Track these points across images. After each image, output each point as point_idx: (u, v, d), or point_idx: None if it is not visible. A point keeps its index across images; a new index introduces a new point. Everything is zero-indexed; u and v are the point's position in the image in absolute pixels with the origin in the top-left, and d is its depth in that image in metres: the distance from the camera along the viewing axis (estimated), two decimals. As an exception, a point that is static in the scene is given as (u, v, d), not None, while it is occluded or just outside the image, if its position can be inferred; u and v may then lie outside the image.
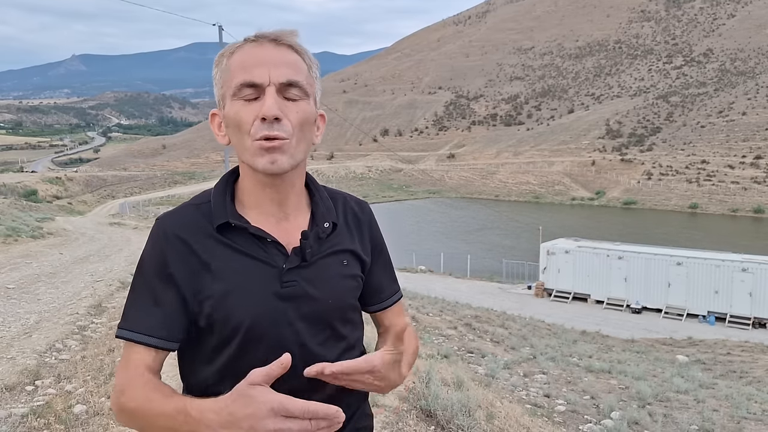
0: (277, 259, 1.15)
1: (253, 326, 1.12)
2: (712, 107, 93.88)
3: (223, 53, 1.14)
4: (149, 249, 1.16)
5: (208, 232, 1.14)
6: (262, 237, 1.14)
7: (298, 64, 1.12)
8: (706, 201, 70.36)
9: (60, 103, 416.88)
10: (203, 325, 1.14)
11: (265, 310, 1.12)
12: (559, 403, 6.97)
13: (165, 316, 1.12)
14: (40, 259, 11.68)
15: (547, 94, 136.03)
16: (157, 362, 1.15)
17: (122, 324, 1.15)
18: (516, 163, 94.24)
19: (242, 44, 1.13)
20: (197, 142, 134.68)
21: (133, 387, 1.09)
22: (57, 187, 62.90)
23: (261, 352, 1.12)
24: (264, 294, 1.13)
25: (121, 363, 1.16)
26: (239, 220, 1.14)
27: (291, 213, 1.19)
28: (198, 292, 1.12)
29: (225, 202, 1.16)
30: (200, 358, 1.18)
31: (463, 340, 11.51)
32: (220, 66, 1.14)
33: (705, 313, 21.78)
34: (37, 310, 6.98)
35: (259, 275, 1.13)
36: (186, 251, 1.13)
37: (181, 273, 1.12)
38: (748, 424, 6.69)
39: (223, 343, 1.13)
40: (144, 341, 1.12)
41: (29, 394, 4.10)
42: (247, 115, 1.08)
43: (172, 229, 1.14)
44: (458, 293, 23.07)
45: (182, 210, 1.18)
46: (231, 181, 1.21)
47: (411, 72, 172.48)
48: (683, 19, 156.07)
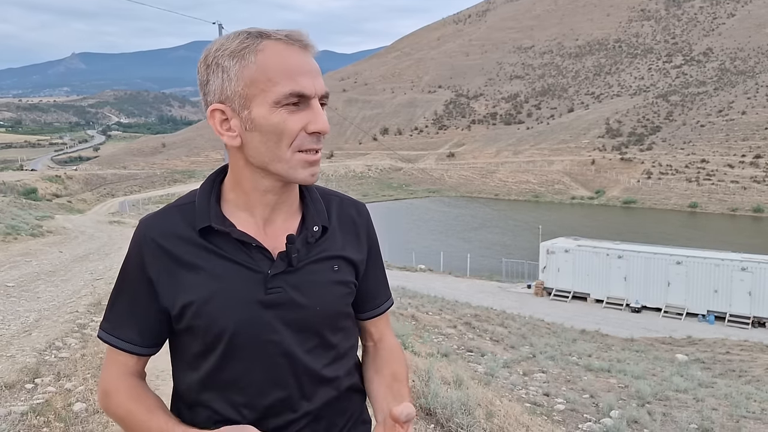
0: (262, 264, 1.10)
1: (237, 333, 1.08)
2: (712, 106, 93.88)
3: (246, 47, 1.03)
4: (130, 252, 1.13)
5: (190, 235, 1.10)
6: (247, 242, 1.09)
7: (320, 71, 1.08)
8: (706, 200, 70.40)
9: (60, 102, 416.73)
10: (185, 331, 1.11)
11: (248, 317, 1.08)
12: (558, 402, 6.97)
13: (142, 322, 1.12)
14: (40, 257, 11.68)
15: (547, 93, 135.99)
16: (139, 365, 1.16)
17: (102, 325, 1.16)
18: (516, 162, 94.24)
19: (266, 41, 1.04)
20: (197, 140, 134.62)
21: (118, 392, 1.12)
22: (57, 185, 62.85)
23: (245, 361, 1.09)
24: (247, 300, 1.08)
25: (105, 361, 1.18)
26: (223, 224, 1.09)
27: (281, 216, 1.15)
28: (178, 298, 1.08)
29: (209, 204, 1.11)
30: (185, 364, 1.15)
31: (462, 339, 11.52)
32: (242, 61, 1.03)
33: (704, 312, 21.79)
34: (36, 309, 6.97)
35: (243, 281, 1.09)
36: (165, 256, 1.09)
37: (160, 278, 1.09)
38: (747, 423, 6.69)
39: (206, 350, 1.10)
40: (120, 347, 1.13)
41: (29, 392, 4.10)
42: (294, 126, 1.03)
43: (151, 232, 1.11)
44: (458, 292, 23.07)
45: (164, 212, 1.14)
46: (218, 182, 1.16)
47: (411, 71, 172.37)
48: (683, 18, 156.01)
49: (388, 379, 1.24)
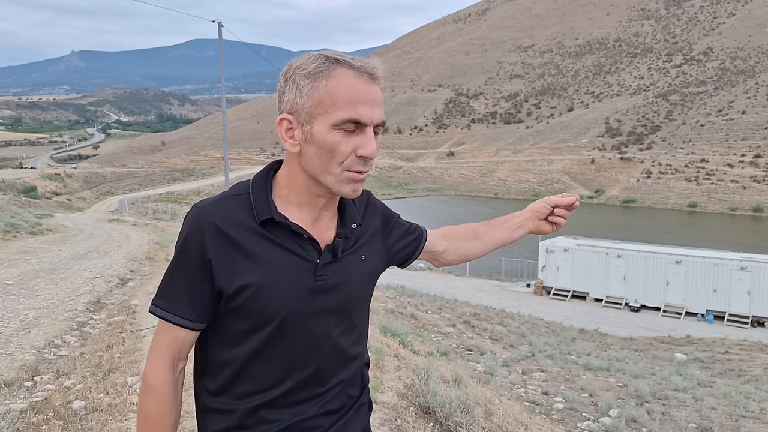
0: (312, 254, 1.24)
1: (288, 316, 1.21)
2: (712, 106, 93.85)
3: (321, 72, 1.16)
4: (189, 234, 1.21)
5: (249, 224, 1.21)
6: (300, 233, 1.22)
7: (383, 101, 1.24)
8: (705, 200, 70.40)
9: (59, 100, 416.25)
10: (233, 311, 1.22)
11: (299, 301, 1.22)
12: (557, 401, 6.99)
13: (197, 300, 1.22)
14: (39, 255, 11.67)
15: (546, 92, 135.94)
16: (189, 340, 1.26)
17: (157, 302, 1.25)
18: (515, 162, 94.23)
19: (339, 69, 1.17)
20: (196, 139, 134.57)
21: (161, 396, 1.25)
22: (56, 183, 62.86)
23: (290, 340, 1.23)
24: (300, 286, 1.22)
25: (155, 341, 1.27)
26: (282, 217, 1.22)
27: (327, 215, 1.29)
28: (234, 280, 1.19)
29: (268, 198, 1.23)
30: (225, 341, 1.25)
31: (461, 338, 11.53)
32: (315, 83, 1.16)
33: (703, 311, 21.80)
34: (35, 306, 6.97)
35: (296, 268, 1.22)
36: (225, 240, 1.19)
37: (219, 261, 1.19)
38: (746, 423, 6.70)
39: (255, 328, 1.22)
40: (178, 322, 1.23)
41: (28, 389, 4.10)
42: (345, 148, 1.16)
43: (213, 218, 1.20)
44: (457, 291, 23.09)
45: (223, 201, 1.24)
46: (270, 177, 1.28)
47: (411, 69, 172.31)
48: (683, 17, 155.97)
49: (481, 227, 1.64)
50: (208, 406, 1.28)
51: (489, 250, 1.65)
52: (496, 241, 1.63)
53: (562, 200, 1.61)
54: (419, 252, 1.55)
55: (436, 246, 1.59)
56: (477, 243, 1.63)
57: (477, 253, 1.64)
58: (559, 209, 1.61)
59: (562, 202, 1.61)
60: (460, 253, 1.62)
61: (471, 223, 1.66)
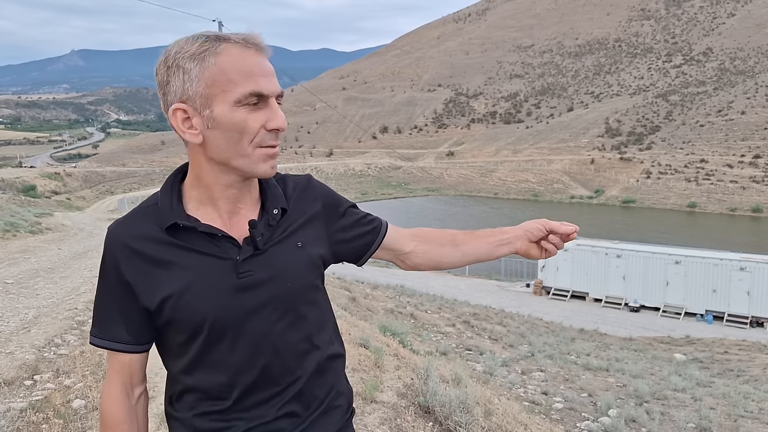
0: (231, 251, 1.16)
1: (216, 320, 1.14)
2: (712, 106, 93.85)
3: (206, 50, 1.09)
4: (105, 258, 1.18)
5: (158, 235, 1.15)
6: (213, 233, 1.16)
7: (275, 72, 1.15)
8: (705, 200, 70.39)
9: (59, 99, 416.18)
10: (167, 325, 1.17)
11: (224, 303, 1.15)
12: (556, 401, 6.99)
13: (128, 322, 1.18)
14: (39, 254, 11.66)
15: (546, 92, 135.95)
16: (137, 364, 1.24)
17: (92, 331, 1.23)
18: (515, 161, 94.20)
19: (224, 44, 1.09)
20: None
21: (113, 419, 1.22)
22: (56, 182, 62.80)
23: (227, 344, 1.16)
24: (222, 287, 1.15)
25: (107, 369, 1.25)
26: (187, 220, 1.15)
27: (244, 207, 1.21)
28: (156, 295, 1.14)
29: (172, 203, 1.17)
30: (170, 354, 1.23)
31: (461, 338, 11.53)
32: (202, 63, 1.08)
33: (703, 311, 21.80)
34: (35, 305, 6.97)
35: (215, 270, 1.15)
36: (138, 257, 1.15)
37: (137, 279, 1.15)
38: (745, 423, 6.71)
39: (189, 339, 1.17)
40: (114, 348, 1.20)
41: (28, 388, 4.11)
42: (254, 123, 1.09)
43: (121, 237, 1.16)
44: (456, 291, 23.10)
45: (130, 217, 1.20)
46: (177, 181, 1.22)
47: (410, 69, 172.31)
48: (683, 17, 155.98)
49: (461, 235, 1.47)
50: (170, 414, 1.26)
51: (466, 261, 1.47)
52: (476, 254, 1.45)
53: (561, 227, 1.41)
54: (376, 246, 1.39)
55: (400, 245, 1.43)
56: (453, 251, 1.45)
57: (451, 262, 1.46)
58: (554, 236, 1.42)
59: (559, 230, 1.41)
60: (432, 258, 1.45)
61: (451, 230, 1.49)
